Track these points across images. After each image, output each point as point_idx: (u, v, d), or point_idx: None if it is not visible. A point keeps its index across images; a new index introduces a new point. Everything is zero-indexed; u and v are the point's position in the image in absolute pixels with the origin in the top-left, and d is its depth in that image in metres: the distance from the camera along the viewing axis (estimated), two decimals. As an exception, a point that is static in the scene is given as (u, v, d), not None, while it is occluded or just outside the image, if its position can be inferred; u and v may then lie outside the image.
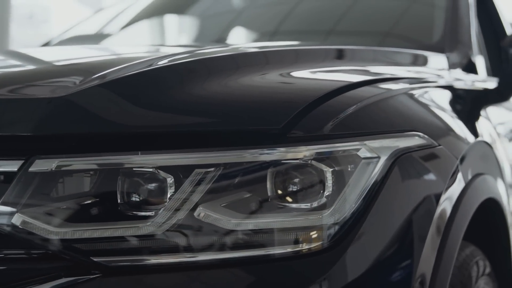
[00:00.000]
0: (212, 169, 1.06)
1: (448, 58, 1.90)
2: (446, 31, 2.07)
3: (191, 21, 2.82)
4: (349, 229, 1.10)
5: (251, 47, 1.64)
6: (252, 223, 1.07)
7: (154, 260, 1.03)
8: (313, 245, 1.08)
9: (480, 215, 1.64)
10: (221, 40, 2.43)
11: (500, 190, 1.66)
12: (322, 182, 1.10)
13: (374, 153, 1.15)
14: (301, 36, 2.32)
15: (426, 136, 1.28)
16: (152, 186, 1.06)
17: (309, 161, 1.10)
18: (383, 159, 1.16)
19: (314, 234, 1.09)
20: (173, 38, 2.74)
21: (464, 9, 2.21)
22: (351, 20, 2.35)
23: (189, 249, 1.05)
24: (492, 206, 1.64)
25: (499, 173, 1.71)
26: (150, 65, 1.23)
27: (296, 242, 1.08)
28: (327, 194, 1.10)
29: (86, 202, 1.05)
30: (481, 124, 1.72)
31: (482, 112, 1.83)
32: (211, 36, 2.56)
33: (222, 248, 1.06)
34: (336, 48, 1.67)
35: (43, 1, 10.65)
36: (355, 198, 1.11)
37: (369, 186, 1.13)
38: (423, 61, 1.82)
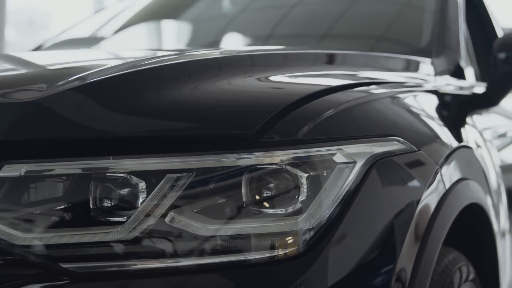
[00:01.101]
0: (184, 174, 1.05)
1: (434, 62, 1.89)
2: (434, 36, 2.06)
3: (184, 25, 2.82)
4: (324, 234, 1.09)
5: (231, 52, 1.63)
6: (225, 229, 1.06)
7: (123, 266, 1.02)
8: (288, 250, 1.08)
9: (465, 220, 1.64)
10: (211, 44, 2.43)
11: (485, 196, 1.65)
12: (297, 187, 1.10)
13: (350, 158, 1.15)
14: (288, 40, 2.31)
15: (405, 141, 1.27)
16: (124, 191, 1.06)
17: (284, 166, 1.10)
18: (359, 164, 1.16)
19: (289, 239, 1.08)
20: (164, 43, 2.74)
21: (453, 14, 2.20)
22: (338, 24, 2.35)
23: (160, 255, 1.04)
24: (477, 212, 1.63)
25: (484, 178, 1.70)
26: (123, 69, 1.23)
27: (272, 247, 1.08)
28: (302, 199, 1.10)
29: (57, 208, 1.04)
30: (466, 129, 1.71)
31: (468, 117, 1.82)
32: (202, 41, 2.56)
33: (195, 254, 1.05)
34: (317, 53, 1.66)
35: (43, 6, 10.68)
36: (330, 203, 1.11)
37: (345, 191, 1.13)
38: (408, 66, 1.82)
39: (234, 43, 2.40)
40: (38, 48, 2.75)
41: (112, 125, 1.07)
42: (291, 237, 1.08)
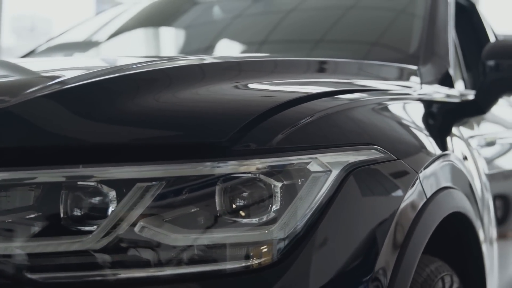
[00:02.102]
0: (155, 183, 1.04)
1: (421, 70, 1.88)
2: (421, 43, 2.05)
3: (174, 32, 2.82)
4: (299, 243, 1.09)
5: (210, 59, 1.62)
6: (197, 239, 1.05)
7: (91, 276, 1.01)
8: (263, 259, 1.07)
9: (451, 229, 1.63)
10: (200, 51, 2.43)
11: (470, 204, 1.64)
12: (271, 196, 1.09)
13: (325, 167, 1.14)
14: (275, 47, 2.31)
15: (383, 149, 1.26)
16: (95, 200, 1.05)
17: (257, 175, 1.09)
18: (335, 172, 1.15)
19: (264, 249, 1.08)
20: (154, 49, 2.74)
21: (442, 22, 2.19)
22: (324, 31, 2.34)
23: (130, 265, 1.03)
24: (462, 221, 1.62)
25: (469, 187, 1.69)
26: (94, 77, 1.22)
27: (247, 257, 1.07)
28: (276, 208, 1.09)
29: (27, 217, 1.03)
30: (451, 138, 1.70)
31: (454, 126, 1.81)
32: (191, 47, 2.56)
33: (167, 264, 1.04)
34: (298, 60, 1.65)
35: (44, 13, 10.70)
36: (305, 212, 1.10)
37: (320, 200, 1.12)
38: (393, 73, 1.80)
39: (223, 49, 2.39)
40: (30, 53, 2.75)
41: (82, 133, 1.06)
42: (265, 247, 1.08)
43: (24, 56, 2.69)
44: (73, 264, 1.01)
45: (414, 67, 1.88)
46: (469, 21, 2.94)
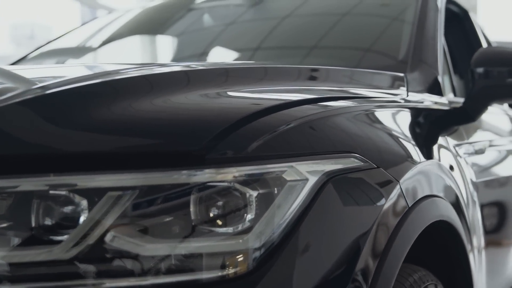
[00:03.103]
0: (127, 192, 1.03)
1: (407, 77, 1.87)
2: (409, 51, 2.04)
3: (163, 39, 2.82)
4: (274, 252, 1.07)
5: (187, 66, 1.60)
6: (171, 248, 1.04)
7: (61, 287, 1.00)
8: (238, 268, 1.06)
9: (438, 239, 1.61)
10: (187, 58, 2.42)
11: (455, 213, 1.63)
12: (246, 205, 1.08)
13: (301, 175, 1.13)
14: (260, 54, 2.30)
15: (363, 157, 1.25)
16: (67, 209, 1.04)
17: (233, 184, 1.08)
18: (311, 181, 1.14)
19: (239, 258, 1.06)
20: (145, 56, 2.74)
21: (431, 29, 2.18)
22: (311, 37, 2.33)
23: (101, 275, 1.01)
24: (448, 229, 1.60)
25: (455, 195, 1.67)
26: (66, 84, 1.21)
27: (223, 266, 1.06)
28: (251, 217, 1.08)
29: None
30: (437, 146, 1.69)
31: (441, 134, 1.79)
32: (178, 55, 2.55)
33: (139, 274, 1.03)
34: (278, 67, 1.64)
35: (44, 21, 10.71)
36: (281, 221, 1.09)
37: (296, 209, 1.11)
38: (379, 81, 1.79)
39: (214, 56, 2.39)
40: (20, 60, 2.75)
41: (53, 141, 1.05)
42: (241, 256, 1.06)
43: (14, 63, 2.69)
44: (43, 275, 1.00)
45: (401, 75, 1.87)
46: (462, 28, 2.93)
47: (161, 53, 2.87)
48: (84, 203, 1.03)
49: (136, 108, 1.16)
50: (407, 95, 1.78)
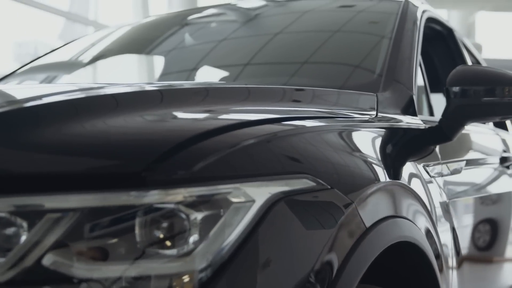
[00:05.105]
0: (67, 214, 1.03)
1: (378, 97, 1.86)
2: (383, 71, 2.04)
3: (152, 57, 2.84)
4: (219, 274, 1.07)
5: (141, 87, 1.59)
6: (111, 271, 1.03)
7: None
8: None
9: (408, 260, 1.60)
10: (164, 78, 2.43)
11: (422, 234, 1.61)
12: (191, 227, 1.07)
13: (248, 197, 1.12)
14: (230, 73, 2.31)
15: (315, 178, 1.24)
16: (9, 231, 1.03)
17: (177, 205, 1.07)
18: (258, 203, 1.13)
19: (185, 279, 1.06)
20: (128, 73, 2.75)
21: (407, 49, 2.18)
22: (289, 55, 2.33)
23: None
24: (416, 250, 1.59)
25: (422, 216, 1.66)
26: (8, 105, 1.21)
27: None
28: (195, 239, 1.07)
29: None
30: (402, 166, 1.68)
31: (410, 153, 1.78)
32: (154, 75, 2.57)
33: None
34: (238, 87, 1.64)
35: (47, 39, 10.78)
36: (225, 243, 1.08)
37: (241, 231, 1.10)
38: (347, 100, 1.79)
39: (186, 75, 2.40)
40: (8, 75, 2.77)
41: None
42: (185, 277, 1.06)
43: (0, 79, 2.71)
44: None
45: (372, 94, 1.86)
46: (446, 47, 2.93)
47: (148, 71, 2.89)
48: (24, 225, 1.02)
49: (80, 129, 1.16)
50: (376, 115, 1.77)
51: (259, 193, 1.14)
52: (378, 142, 1.64)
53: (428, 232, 1.67)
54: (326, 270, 1.20)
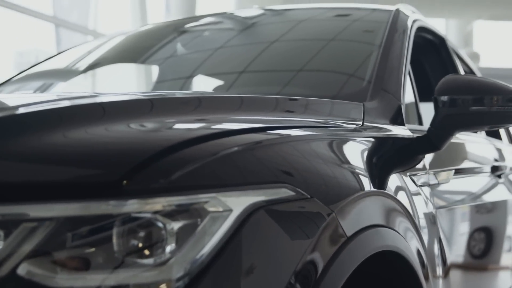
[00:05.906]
0: (43, 223, 1.03)
1: (365, 106, 1.87)
2: (370, 80, 2.04)
3: (146, 66, 2.85)
4: (196, 282, 1.07)
5: (122, 96, 1.59)
6: (88, 281, 1.03)
7: None
8: None
9: (394, 268, 1.60)
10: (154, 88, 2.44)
11: (406, 243, 1.61)
12: (168, 236, 1.08)
13: (225, 206, 1.12)
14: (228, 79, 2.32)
15: (295, 188, 1.25)
16: None
17: (154, 214, 1.07)
18: (236, 212, 1.13)
19: None
20: (121, 81, 2.76)
21: (395, 59, 2.18)
22: (279, 63, 2.34)
23: None
24: (400, 259, 1.59)
25: (406, 225, 1.66)
26: None
27: None
28: (172, 249, 1.07)
29: None
30: (388, 175, 1.68)
31: (396, 163, 1.78)
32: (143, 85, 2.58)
33: None
34: (220, 96, 1.65)
35: (48, 47, 10.81)
36: (202, 252, 1.08)
37: (218, 240, 1.10)
38: (332, 110, 1.79)
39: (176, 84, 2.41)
40: (3, 83, 2.79)
41: None
42: (164, 286, 1.06)
43: None
44: None
45: (358, 103, 1.87)
46: (438, 56, 2.94)
47: (143, 79, 2.90)
48: (1, 234, 1.03)
49: (61, 138, 1.16)
50: (362, 125, 1.78)
51: (237, 202, 1.14)
52: (363, 151, 1.64)
53: (412, 241, 1.67)
54: (305, 279, 1.20)
